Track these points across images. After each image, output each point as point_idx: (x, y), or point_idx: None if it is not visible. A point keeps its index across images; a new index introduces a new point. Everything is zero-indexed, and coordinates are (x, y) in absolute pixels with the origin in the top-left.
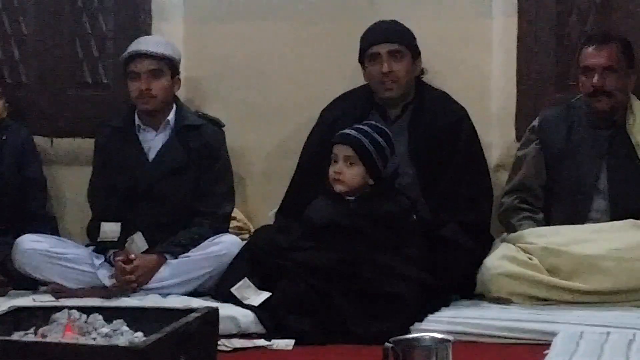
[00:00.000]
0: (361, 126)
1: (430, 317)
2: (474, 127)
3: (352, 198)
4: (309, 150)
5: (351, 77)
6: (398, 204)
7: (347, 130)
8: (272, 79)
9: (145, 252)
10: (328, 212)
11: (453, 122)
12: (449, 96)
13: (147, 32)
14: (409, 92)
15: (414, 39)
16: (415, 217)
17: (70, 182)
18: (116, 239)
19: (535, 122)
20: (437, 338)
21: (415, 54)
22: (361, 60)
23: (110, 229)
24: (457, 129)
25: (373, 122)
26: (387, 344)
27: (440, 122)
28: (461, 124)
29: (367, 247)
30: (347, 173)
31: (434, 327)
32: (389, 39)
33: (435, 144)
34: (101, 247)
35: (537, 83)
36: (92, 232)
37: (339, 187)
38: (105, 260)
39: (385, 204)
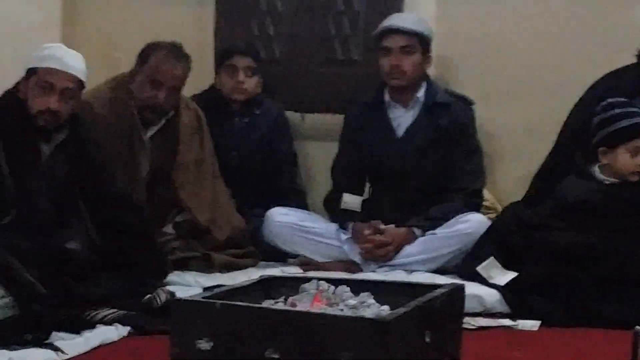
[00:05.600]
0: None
1: None
2: None
3: (618, 181)
4: (570, 125)
5: (604, 58)
6: None
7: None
8: (524, 59)
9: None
10: (582, 192)
11: None
12: None
13: (399, 9)
14: None
15: None
16: None
17: (319, 158)
18: (358, 210)
19: None
20: None
21: None
22: None
23: (352, 200)
24: None
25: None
26: (637, 327)
27: None
28: None
29: (617, 231)
30: None
31: None
32: None
33: None
34: (341, 218)
35: None
36: (331, 202)
37: None
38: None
39: None
